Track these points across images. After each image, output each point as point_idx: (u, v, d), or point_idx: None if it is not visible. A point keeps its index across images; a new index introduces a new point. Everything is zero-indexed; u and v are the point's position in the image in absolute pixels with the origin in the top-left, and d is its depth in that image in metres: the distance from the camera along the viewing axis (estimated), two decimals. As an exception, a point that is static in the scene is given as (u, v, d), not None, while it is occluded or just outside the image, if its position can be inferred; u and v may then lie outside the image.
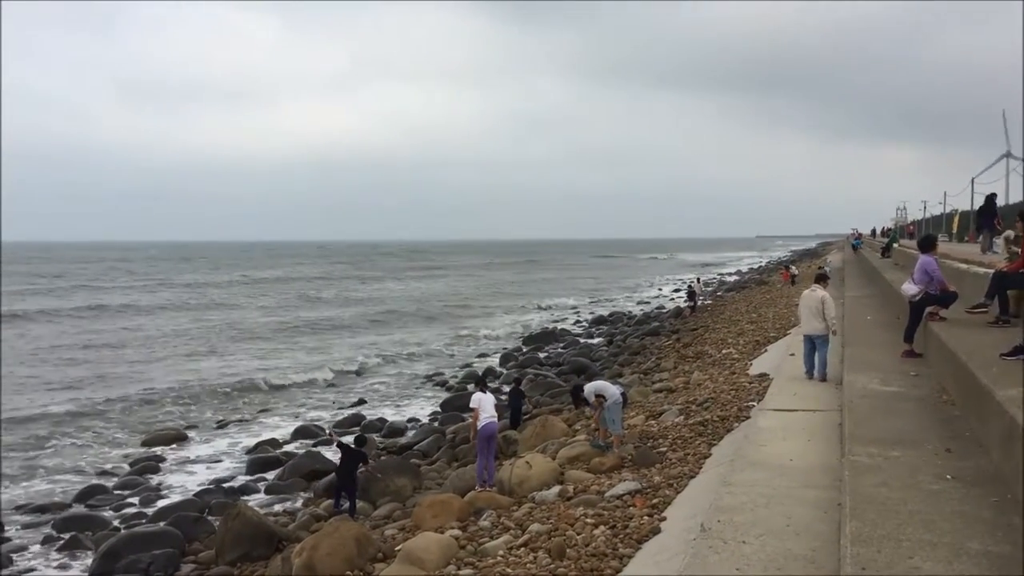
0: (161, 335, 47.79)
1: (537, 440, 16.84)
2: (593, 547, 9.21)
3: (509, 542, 10.21)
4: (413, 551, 10.34)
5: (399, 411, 27.92)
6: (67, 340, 44.86)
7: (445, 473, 17.96)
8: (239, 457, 22.16)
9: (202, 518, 16.26)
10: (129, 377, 33.80)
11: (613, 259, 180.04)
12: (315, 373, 34.67)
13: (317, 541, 11.31)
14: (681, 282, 80.00)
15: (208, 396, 29.95)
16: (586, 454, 14.02)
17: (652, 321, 46.69)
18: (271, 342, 45.28)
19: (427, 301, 70.65)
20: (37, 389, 30.92)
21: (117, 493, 19.23)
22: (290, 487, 19.00)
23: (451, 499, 12.89)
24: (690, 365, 23.71)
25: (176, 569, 13.80)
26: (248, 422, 26.29)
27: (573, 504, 11.20)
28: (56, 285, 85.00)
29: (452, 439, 21.29)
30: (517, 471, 13.22)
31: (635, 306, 63.18)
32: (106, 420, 25.95)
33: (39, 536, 16.36)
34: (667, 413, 16.16)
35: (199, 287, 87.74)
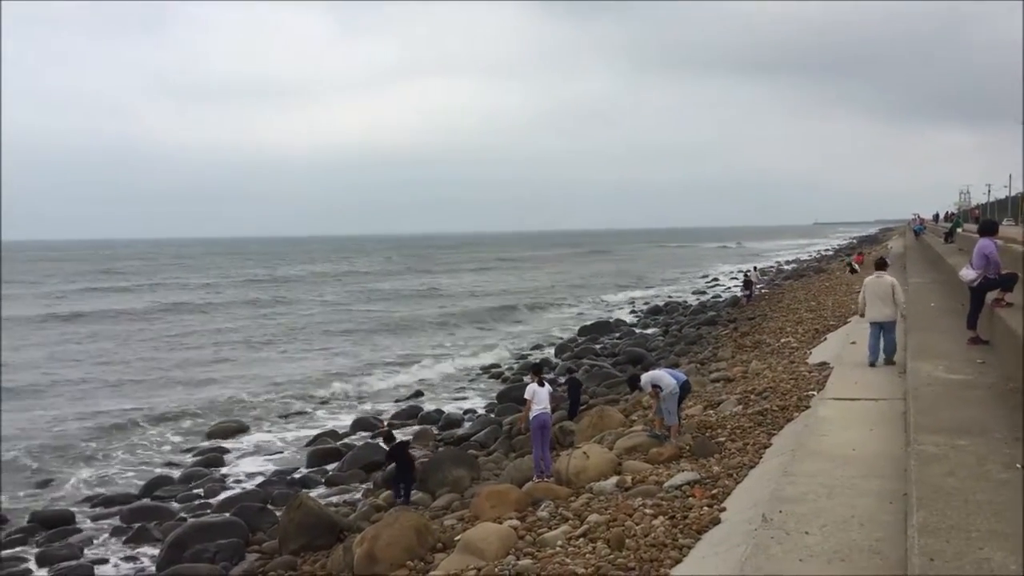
0: (224, 330, 48.74)
1: (594, 431, 16.81)
2: (652, 537, 9.18)
3: (568, 532, 10.21)
4: (472, 541, 10.40)
5: (456, 403, 28.09)
6: (137, 336, 45.91)
7: (502, 464, 18.02)
8: (300, 449, 22.50)
9: (265, 509, 16.56)
10: (194, 371, 34.53)
11: (668, 248, 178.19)
12: (373, 366, 35.06)
13: (378, 531, 11.44)
14: (738, 271, 78.98)
15: (270, 389, 30.45)
16: (643, 444, 13.96)
17: (708, 310, 46.28)
18: (332, 336, 45.80)
19: (485, 293, 70.88)
20: (106, 385, 31.71)
21: (182, 484, 19.66)
22: (349, 478, 19.25)
23: (509, 489, 12.93)
24: (748, 354, 23.45)
25: (241, 558, 14.08)
26: (308, 415, 26.67)
27: (631, 495, 11.17)
28: (123, 284, 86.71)
29: (509, 430, 21.36)
30: (575, 462, 13.21)
31: (691, 296, 62.61)
32: (171, 413, 26.50)
33: (108, 528, 16.81)
34: (725, 403, 16.01)
35: (266, 282, 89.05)
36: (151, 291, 77.06)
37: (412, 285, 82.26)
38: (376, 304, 64.14)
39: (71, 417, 26.02)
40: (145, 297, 70.44)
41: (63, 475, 20.35)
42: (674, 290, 69.55)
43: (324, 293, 74.51)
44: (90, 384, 31.74)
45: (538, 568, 9.08)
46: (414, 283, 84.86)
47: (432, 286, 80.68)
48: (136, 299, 68.40)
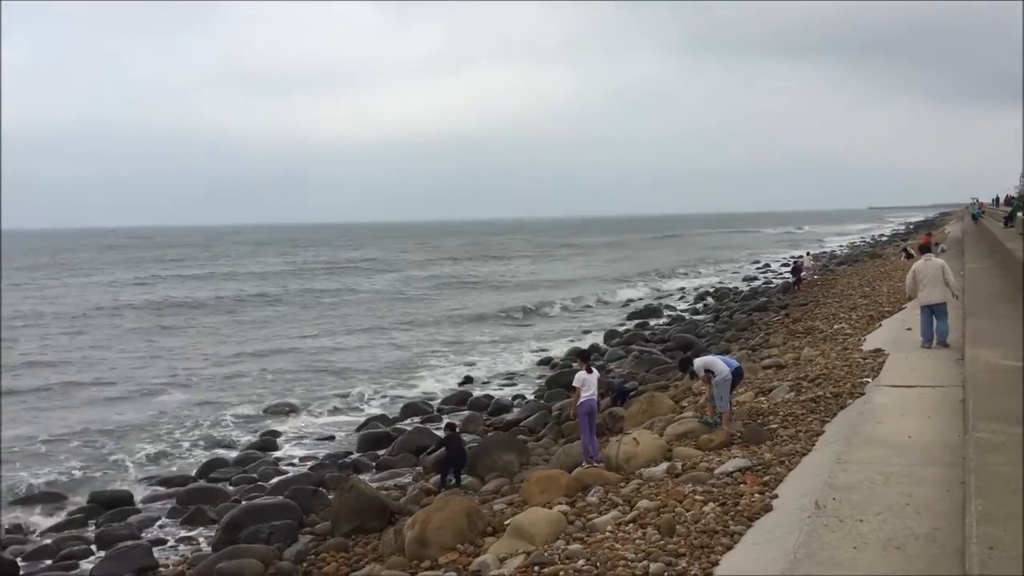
0: (279, 315, 49.56)
1: (644, 417, 16.75)
2: (703, 524, 9.13)
3: (617, 518, 10.20)
4: (522, 525, 10.44)
5: (505, 389, 28.18)
6: (201, 321, 46.77)
7: (552, 449, 18.05)
8: (351, 433, 22.77)
9: (318, 491, 16.79)
10: (248, 355, 35.12)
11: (724, 234, 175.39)
12: (424, 352, 35.36)
13: (429, 514, 11.53)
14: (789, 257, 77.92)
15: (322, 373, 30.85)
16: (694, 431, 13.87)
17: (760, 296, 45.75)
18: (386, 322, 46.21)
19: (537, 280, 70.93)
20: (167, 369, 32.35)
21: (237, 467, 20.02)
22: (400, 462, 19.43)
23: (558, 475, 12.95)
24: (800, 341, 23.16)
25: (295, 540, 14.30)
26: (359, 399, 26.94)
27: (682, 481, 11.11)
28: (194, 272, 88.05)
29: (558, 416, 21.38)
30: (624, 447, 13.18)
31: (742, 282, 61.95)
32: (226, 397, 26.98)
33: (165, 509, 17.20)
34: (777, 389, 15.84)
35: (320, 268, 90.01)
36: (212, 278, 78.10)
37: (466, 271, 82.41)
38: (432, 290, 64.46)
39: (134, 400, 26.60)
40: (208, 284, 71.63)
41: (123, 456, 20.83)
42: (725, 276, 68.86)
43: (378, 280, 75.14)
44: (150, 369, 32.39)
45: (588, 553, 9.08)
46: (468, 269, 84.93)
47: (489, 272, 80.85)
48: (203, 286, 69.69)
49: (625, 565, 8.42)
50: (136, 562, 13.90)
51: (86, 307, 53.30)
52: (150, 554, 14.33)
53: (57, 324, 45.35)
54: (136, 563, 13.86)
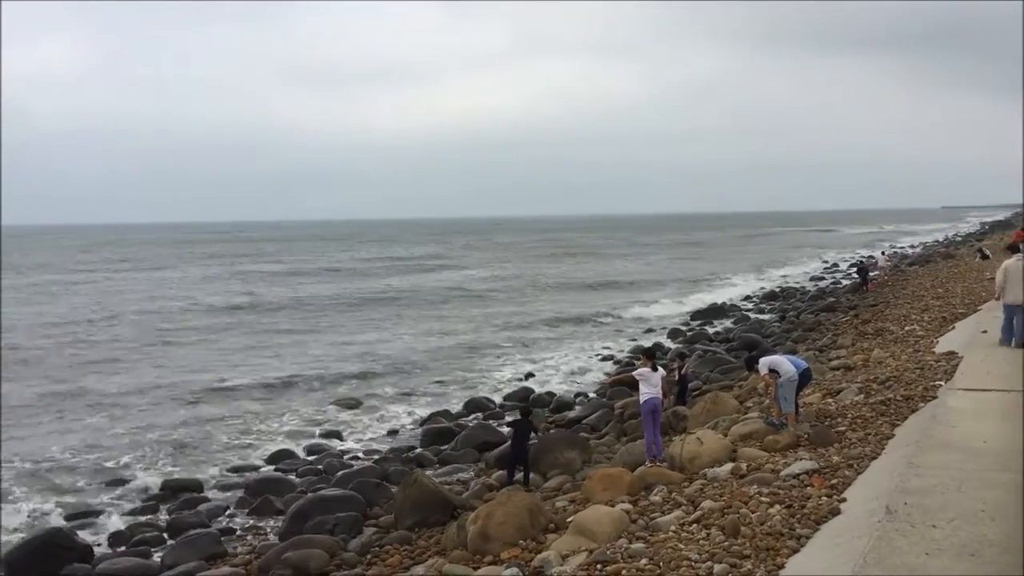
0: (346, 308, 50.25)
1: (707, 416, 16.58)
2: (769, 526, 9.02)
3: (681, 518, 10.13)
4: (584, 523, 10.43)
5: (567, 385, 28.16)
6: (269, 314, 47.66)
7: (614, 447, 17.99)
8: (414, 428, 22.99)
9: (382, 485, 16.97)
10: (316, 348, 35.73)
11: (797, 233, 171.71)
12: (488, 347, 35.54)
13: (491, 509, 11.58)
14: (859, 257, 76.27)
15: (387, 368, 31.20)
16: (759, 431, 13.69)
17: (827, 296, 44.92)
18: (450, 315, 46.58)
19: (597, 277, 70.70)
20: (237, 364, 33.05)
21: (303, 458, 20.37)
22: (462, 457, 19.56)
23: (621, 473, 12.90)
24: (869, 342, 22.71)
25: (359, 532, 14.48)
26: (423, 394, 27.17)
27: (747, 482, 10.99)
28: (271, 268, 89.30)
29: (620, 414, 21.29)
30: (688, 447, 13.08)
31: (808, 281, 60.89)
32: (295, 390, 27.44)
33: (234, 498, 17.55)
34: (845, 391, 15.57)
35: (381, 263, 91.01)
36: (283, 275, 79.19)
37: (536, 268, 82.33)
38: (495, 285, 64.64)
39: (207, 393, 27.20)
40: (279, 280, 72.90)
41: (195, 446, 21.33)
42: (791, 275, 67.73)
43: (446, 276, 75.72)
44: (222, 364, 33.10)
45: (650, 552, 9.04)
46: (538, 267, 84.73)
47: (558, 269, 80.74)
48: (276, 281, 71.00)
49: (688, 565, 8.37)
50: (205, 550, 14.22)
51: (167, 303, 54.67)
52: (219, 542, 14.64)
53: (148, 320, 46.56)
54: (205, 551, 14.18)
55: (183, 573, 13.21)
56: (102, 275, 78.22)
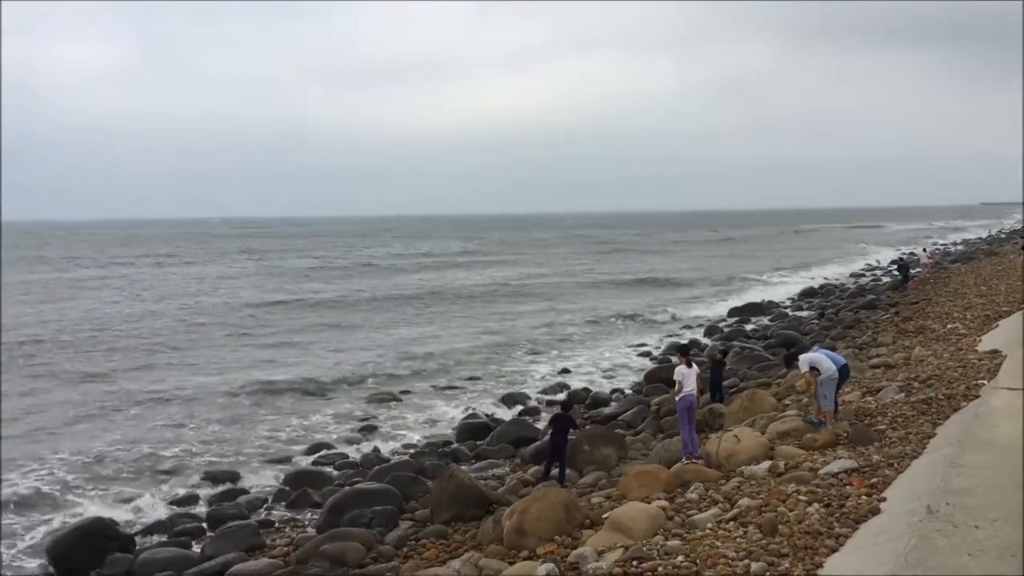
0: (383, 301, 50.60)
1: (745, 414, 16.49)
2: (807, 525, 8.96)
3: (718, 515, 10.09)
4: (621, 519, 10.43)
5: (603, 382, 28.10)
6: (302, 313, 48.04)
7: (650, 444, 17.94)
8: (450, 422, 23.08)
9: (418, 479, 17.05)
10: (359, 344, 35.97)
11: (840, 228, 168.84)
12: (523, 342, 35.59)
13: (527, 505, 11.61)
14: (904, 253, 75.07)
15: (423, 362, 31.34)
16: (797, 429, 13.60)
17: (867, 293, 44.38)
18: (485, 311, 46.63)
19: (632, 275, 70.45)
20: (280, 358, 33.38)
21: (340, 451, 20.53)
22: (498, 452, 19.60)
23: (657, 470, 12.87)
24: (911, 340, 22.44)
25: (395, 525, 14.57)
26: (459, 389, 27.25)
27: (784, 480, 10.93)
28: (309, 263, 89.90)
29: (657, 411, 21.22)
30: (725, 444, 13.02)
31: (848, 278, 60.15)
32: (333, 384, 27.64)
33: (272, 490, 17.74)
34: (886, 390, 15.40)
35: (415, 258, 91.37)
36: (326, 271, 79.57)
37: (573, 264, 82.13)
38: (531, 281, 64.54)
39: (247, 387, 27.52)
40: (321, 276, 73.46)
41: (235, 438, 21.59)
42: (832, 272, 66.91)
43: (479, 270, 75.80)
44: (260, 357, 33.46)
45: (687, 549, 9.02)
46: (574, 263, 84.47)
47: (594, 264, 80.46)
48: (315, 276, 71.64)
49: (726, 563, 8.34)
50: (244, 541, 14.38)
51: (205, 299, 55.29)
52: (257, 534, 14.81)
53: (187, 316, 47.16)
54: (244, 543, 14.34)
55: (222, 564, 13.36)
56: (137, 270, 79.27)
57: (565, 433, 15.82)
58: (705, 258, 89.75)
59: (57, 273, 74.83)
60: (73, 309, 47.78)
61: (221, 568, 13.21)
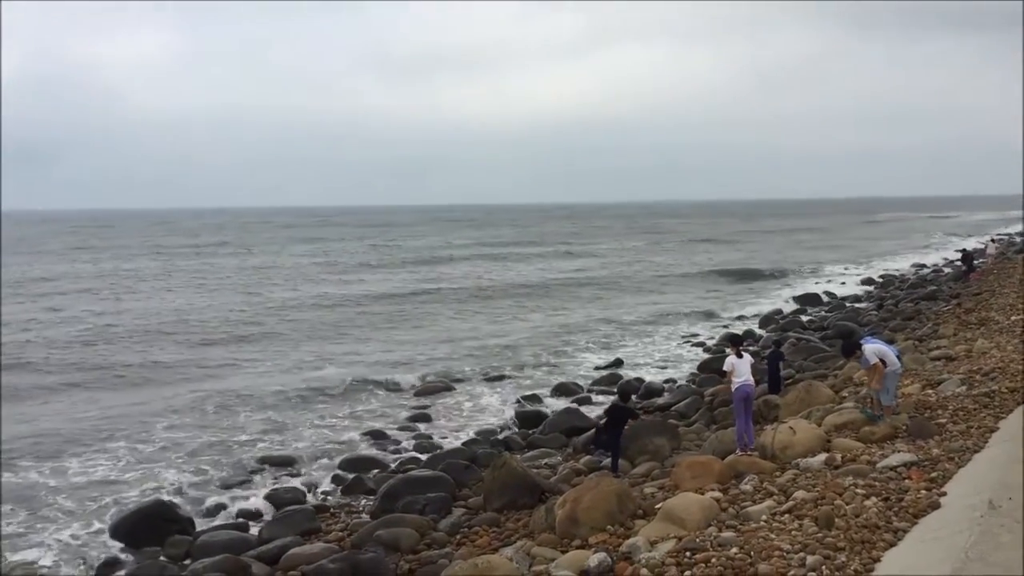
0: (437, 291, 50.91)
1: (800, 406, 16.28)
2: (864, 518, 8.84)
3: (772, 508, 10.00)
4: (673, 510, 10.38)
5: (656, 372, 27.96)
6: (361, 300, 48.46)
7: (704, 435, 17.83)
8: (503, 411, 23.16)
9: (471, 467, 17.16)
10: (414, 333, 36.26)
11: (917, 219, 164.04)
12: (577, 331, 35.59)
13: (579, 494, 11.62)
14: (968, 241, 73.20)
15: (476, 351, 31.50)
16: (855, 422, 13.41)
17: (928, 284, 43.46)
18: (548, 300, 46.58)
19: (691, 266, 69.85)
20: (337, 348, 33.81)
21: (393, 438, 20.74)
22: (551, 441, 19.62)
23: (711, 461, 12.78)
24: (973, 332, 21.94)
25: (448, 512, 14.70)
26: (511, 378, 27.32)
27: (841, 473, 10.79)
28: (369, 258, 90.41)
29: (710, 401, 21.06)
30: (780, 436, 12.88)
31: (908, 268, 58.95)
32: (388, 372, 27.87)
33: (328, 475, 18.01)
34: (946, 383, 15.10)
35: (472, 247, 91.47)
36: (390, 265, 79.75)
37: (629, 255, 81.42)
38: (588, 271, 64.23)
39: (300, 373, 27.94)
40: (385, 269, 73.97)
41: (291, 424, 21.95)
42: (894, 262, 65.59)
43: (534, 256, 75.59)
44: (318, 346, 33.91)
45: (741, 541, 8.95)
46: (630, 254, 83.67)
47: (647, 253, 79.74)
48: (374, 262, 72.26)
49: (780, 555, 8.27)
50: (301, 526, 14.64)
51: (264, 289, 56.06)
52: (313, 519, 15.05)
53: (247, 303, 47.87)
54: (301, 527, 14.60)
55: (279, 547, 13.60)
56: (206, 260, 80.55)
57: (621, 424, 15.79)
58: (767, 248, 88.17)
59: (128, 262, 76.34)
60: (147, 300, 48.60)
61: (278, 551, 13.45)
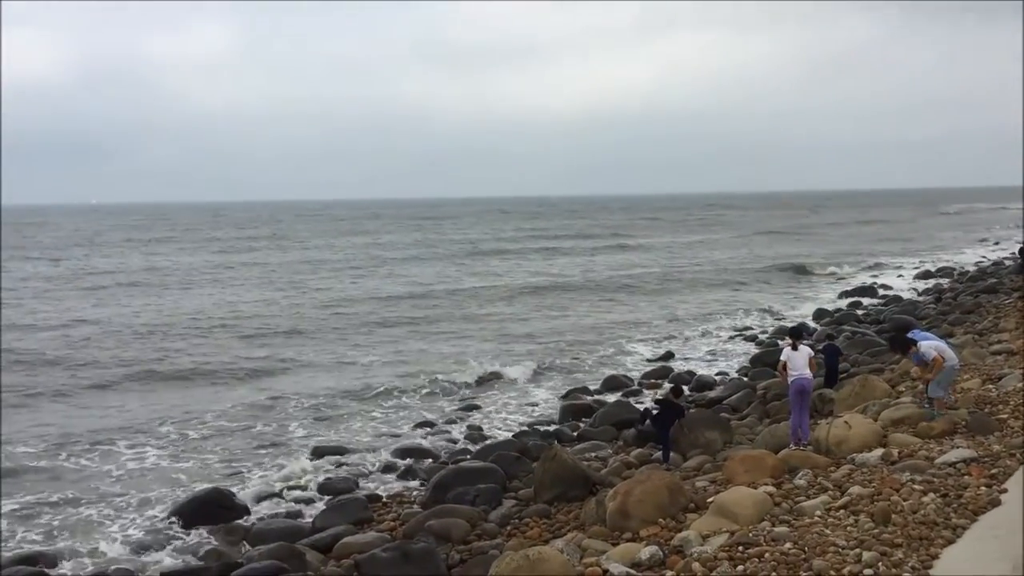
0: (490, 282, 51.21)
1: (856, 400, 16.04)
2: (922, 515, 8.70)
3: (827, 503, 9.88)
4: (726, 504, 10.31)
5: (707, 366, 27.75)
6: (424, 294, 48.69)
7: (756, 429, 17.66)
8: (553, 403, 23.17)
9: (521, 458, 17.17)
10: (461, 325, 36.48)
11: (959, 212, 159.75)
12: (629, 326, 35.47)
13: (630, 487, 11.59)
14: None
15: (526, 343, 31.59)
16: (912, 417, 13.18)
17: (988, 277, 42.47)
18: (600, 293, 46.46)
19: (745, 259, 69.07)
20: (385, 337, 34.10)
21: (444, 429, 20.89)
22: (601, 434, 19.56)
23: (764, 455, 12.65)
24: (1035, 326, 21.41)
25: (499, 503, 14.76)
26: (561, 370, 27.31)
27: (898, 469, 10.62)
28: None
29: (763, 395, 20.84)
30: (835, 431, 12.71)
31: (968, 260, 57.65)
32: (437, 364, 28.04)
33: (379, 465, 18.20)
34: (1008, 378, 14.77)
35: (524, 239, 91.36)
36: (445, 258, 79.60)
37: (688, 249, 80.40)
38: (639, 264, 63.61)
39: (351, 364, 28.25)
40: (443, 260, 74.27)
41: (341, 414, 22.21)
42: (954, 254, 64.13)
43: (586, 249, 75.17)
44: (367, 335, 34.25)
45: (795, 536, 8.86)
46: (687, 249, 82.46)
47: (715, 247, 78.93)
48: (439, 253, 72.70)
49: (835, 551, 8.18)
50: (353, 515, 14.82)
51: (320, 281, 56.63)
52: (366, 508, 15.22)
53: (300, 298, 48.40)
54: (353, 516, 14.78)
55: (332, 536, 13.79)
56: (257, 254, 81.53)
57: (671, 419, 15.73)
58: (824, 240, 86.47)
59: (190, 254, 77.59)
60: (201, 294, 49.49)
61: (331, 540, 13.64)
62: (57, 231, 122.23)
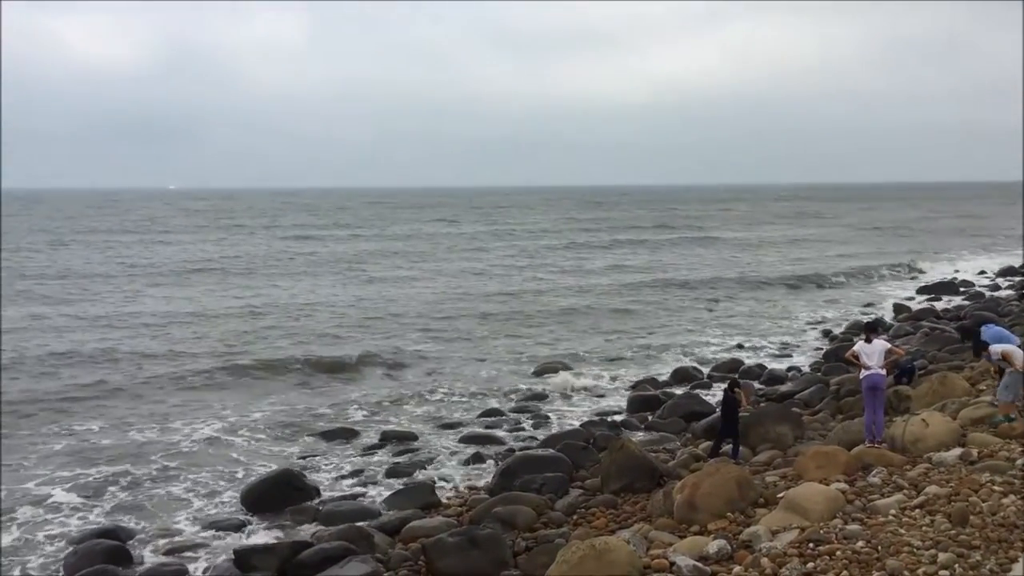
0: (558, 272, 51.04)
1: (934, 398, 15.65)
2: (1001, 517, 8.47)
3: (902, 502, 9.67)
4: (797, 500, 10.16)
5: (780, 359, 27.32)
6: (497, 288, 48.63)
7: (829, 425, 17.34)
8: (621, 393, 23.07)
9: (588, 448, 17.16)
10: (532, 315, 36.42)
11: None
12: (697, 316, 35.26)
13: (699, 480, 11.50)
14: None
15: (596, 334, 31.48)
16: (992, 416, 12.81)
17: (1077, 273, 40.95)
18: (674, 287, 45.77)
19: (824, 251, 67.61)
20: (452, 326, 34.22)
21: (512, 416, 20.97)
22: (669, 426, 19.44)
23: (837, 451, 12.43)
24: None
25: (566, 492, 14.75)
26: (630, 360, 27.18)
27: (977, 469, 10.35)
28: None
29: (836, 390, 20.42)
30: (911, 429, 12.42)
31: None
32: (506, 353, 28.15)
33: (446, 451, 18.38)
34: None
35: (600, 231, 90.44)
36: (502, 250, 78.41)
37: (760, 245, 78.49)
38: (712, 264, 62.35)
39: (418, 354, 28.46)
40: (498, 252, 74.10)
41: (410, 401, 22.46)
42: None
43: (665, 242, 74.32)
44: (433, 327, 34.40)
45: (868, 535, 8.70)
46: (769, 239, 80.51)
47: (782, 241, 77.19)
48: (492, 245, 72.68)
49: (910, 551, 8.01)
50: (421, 499, 15.00)
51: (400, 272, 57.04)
52: (433, 493, 15.39)
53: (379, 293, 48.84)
54: (421, 500, 14.97)
55: (400, 519, 13.98)
56: (323, 244, 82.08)
57: (736, 409, 15.55)
58: (898, 235, 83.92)
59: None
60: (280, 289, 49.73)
61: (399, 523, 13.83)
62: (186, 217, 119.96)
